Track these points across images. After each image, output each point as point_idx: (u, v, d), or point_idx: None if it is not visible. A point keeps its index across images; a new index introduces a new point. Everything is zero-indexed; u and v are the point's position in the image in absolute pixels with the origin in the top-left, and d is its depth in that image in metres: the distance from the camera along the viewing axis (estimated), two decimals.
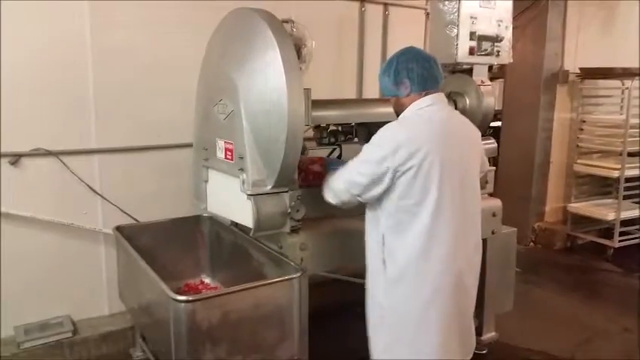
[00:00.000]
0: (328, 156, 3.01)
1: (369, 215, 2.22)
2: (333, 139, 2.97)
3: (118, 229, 2.86)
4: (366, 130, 2.96)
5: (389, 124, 2.14)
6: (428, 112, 2.13)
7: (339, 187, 2.21)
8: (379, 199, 2.11)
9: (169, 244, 2.99)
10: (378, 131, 2.13)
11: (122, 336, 3.16)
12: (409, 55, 2.18)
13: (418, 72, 2.13)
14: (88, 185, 3.07)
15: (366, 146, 2.15)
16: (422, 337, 2.10)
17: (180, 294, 2.17)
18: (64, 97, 2.96)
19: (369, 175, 2.06)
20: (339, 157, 2.89)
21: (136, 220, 3.16)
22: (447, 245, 2.07)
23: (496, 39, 2.95)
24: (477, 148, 2.27)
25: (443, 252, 2.07)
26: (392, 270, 2.11)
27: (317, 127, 2.93)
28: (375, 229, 2.17)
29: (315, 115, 2.49)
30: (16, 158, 2.87)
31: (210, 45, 2.70)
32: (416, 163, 2.00)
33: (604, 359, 3.34)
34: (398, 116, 2.23)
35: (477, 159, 2.26)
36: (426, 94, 2.15)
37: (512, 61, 3.08)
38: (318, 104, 2.50)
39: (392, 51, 4.17)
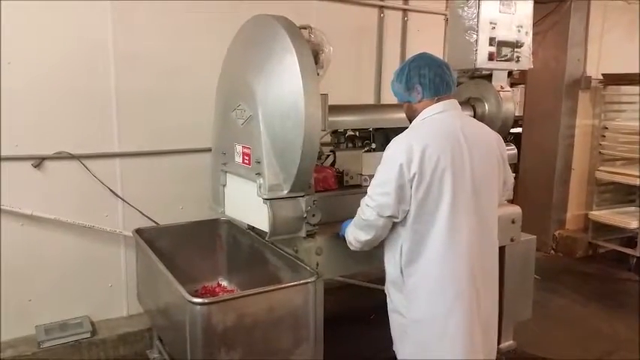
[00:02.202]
0: (322, 164, 2.93)
1: None
2: (350, 145, 2.98)
3: (138, 231, 2.90)
4: (384, 136, 2.95)
5: (397, 136, 2.12)
6: (439, 118, 2.12)
7: (368, 218, 2.11)
8: None
9: (188, 247, 3.02)
10: (388, 146, 2.11)
11: (140, 337, 3.20)
12: (421, 60, 2.16)
13: (430, 77, 2.11)
14: (109, 188, 3.13)
15: (380, 167, 2.11)
16: (446, 345, 2.08)
17: (198, 296, 2.19)
18: (87, 102, 3.02)
19: (392, 192, 2.01)
20: (333, 164, 2.82)
21: (156, 223, 3.20)
22: (464, 252, 2.06)
23: (516, 45, 2.93)
24: (493, 153, 2.20)
25: (460, 259, 2.05)
26: (410, 280, 2.10)
27: (334, 132, 2.94)
28: (394, 239, 2.16)
29: (332, 120, 2.50)
30: (39, 161, 2.94)
31: (230, 51, 2.73)
32: (429, 170, 1.99)
33: None
34: (410, 122, 2.22)
35: (494, 164, 2.20)
36: (438, 100, 2.14)
37: (532, 67, 3.05)
38: (335, 109, 2.51)
39: (410, 55, 4.20)
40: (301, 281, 2.22)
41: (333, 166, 2.84)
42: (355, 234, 2.24)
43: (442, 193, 2.01)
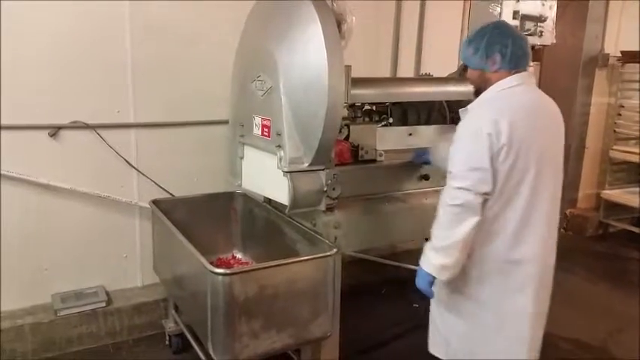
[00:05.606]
0: None
1: None
2: (367, 119, 2.94)
3: (155, 202, 2.89)
4: (401, 110, 2.92)
5: (472, 109, 2.02)
6: (515, 92, 2.00)
7: (465, 200, 1.87)
8: None
9: (203, 218, 3.01)
10: (464, 120, 1.99)
11: (154, 307, 3.23)
12: (504, 29, 2.04)
13: (512, 49, 1.99)
14: (124, 159, 3.11)
15: (460, 143, 1.95)
16: (507, 327, 2.05)
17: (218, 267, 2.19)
18: (102, 72, 2.98)
19: (487, 164, 1.86)
20: (347, 138, 2.69)
21: (171, 195, 3.19)
22: (540, 231, 1.98)
23: (540, 19, 2.88)
24: (561, 128, 2.11)
25: (535, 238, 1.98)
26: (479, 259, 2.00)
27: (351, 106, 2.89)
28: None
29: (354, 92, 2.46)
30: (55, 130, 2.91)
31: (249, 20, 2.69)
32: (516, 145, 1.88)
33: (637, 348, 3.28)
34: (476, 91, 2.10)
35: (562, 141, 2.10)
36: (515, 73, 2.02)
37: (555, 42, 3.00)
38: (355, 82, 2.47)
39: (428, 28, 4.10)
40: (323, 254, 2.22)
41: (347, 140, 2.81)
42: (448, 239, 1.91)
43: (527, 171, 1.91)
